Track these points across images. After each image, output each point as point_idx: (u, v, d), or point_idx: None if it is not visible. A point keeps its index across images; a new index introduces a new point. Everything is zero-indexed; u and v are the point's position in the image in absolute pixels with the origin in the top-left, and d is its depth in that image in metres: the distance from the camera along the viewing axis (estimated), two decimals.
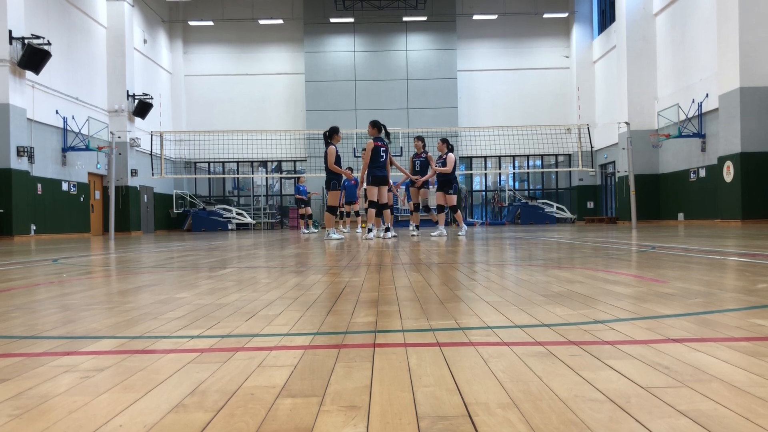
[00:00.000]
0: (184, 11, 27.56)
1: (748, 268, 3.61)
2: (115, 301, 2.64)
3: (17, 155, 15.38)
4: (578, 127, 21.46)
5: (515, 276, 3.45)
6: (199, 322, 1.99)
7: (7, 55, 14.95)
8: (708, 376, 1.21)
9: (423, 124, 25.57)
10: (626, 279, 3.15)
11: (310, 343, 1.63)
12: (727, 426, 0.93)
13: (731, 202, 15.80)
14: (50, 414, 1.05)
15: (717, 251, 5.12)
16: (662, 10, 20.80)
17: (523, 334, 1.69)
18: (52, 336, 1.81)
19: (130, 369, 1.37)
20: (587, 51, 27.23)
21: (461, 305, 2.26)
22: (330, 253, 6.19)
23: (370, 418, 1.00)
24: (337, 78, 27.15)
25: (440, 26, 27.27)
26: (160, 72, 26.31)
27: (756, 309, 2.04)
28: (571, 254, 5.36)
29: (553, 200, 27.28)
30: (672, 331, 1.67)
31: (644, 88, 21.47)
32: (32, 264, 5.41)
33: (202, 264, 5.10)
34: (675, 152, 20.27)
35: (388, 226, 10.15)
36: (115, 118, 21.32)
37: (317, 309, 2.24)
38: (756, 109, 15.27)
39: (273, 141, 24.22)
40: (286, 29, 27.66)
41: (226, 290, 2.95)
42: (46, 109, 17.45)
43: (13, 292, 3.10)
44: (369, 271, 3.89)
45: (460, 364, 1.35)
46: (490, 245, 7.51)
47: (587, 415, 0.99)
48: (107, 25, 21.40)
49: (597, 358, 1.38)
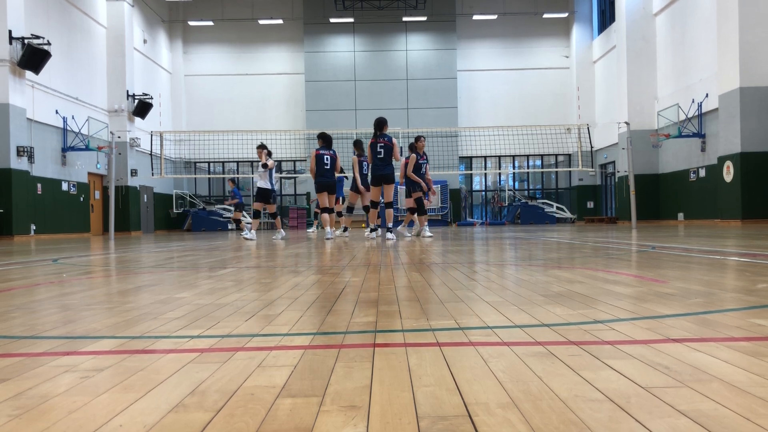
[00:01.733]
0: (184, 11, 27.56)
1: (748, 268, 3.61)
2: (115, 301, 2.64)
3: (17, 155, 15.38)
4: (578, 127, 21.46)
5: (515, 276, 3.45)
6: (199, 322, 1.99)
7: (7, 55, 14.95)
8: (708, 376, 1.20)
9: (423, 124, 25.58)
10: (626, 279, 3.15)
11: (310, 343, 1.63)
12: (727, 426, 0.93)
13: (731, 202, 15.79)
14: (50, 414, 1.05)
15: (717, 251, 5.12)
16: (662, 10, 20.80)
17: (523, 334, 1.69)
18: (52, 336, 1.81)
19: (130, 369, 1.37)
20: (587, 51, 27.23)
21: (461, 305, 2.26)
22: (330, 254, 6.19)
23: (370, 418, 1.00)
24: (337, 78, 27.15)
25: (440, 26, 27.27)
26: (160, 72, 26.31)
27: (756, 309, 2.04)
28: (571, 254, 5.36)
29: (553, 200, 27.29)
30: (672, 331, 1.67)
31: (644, 88, 21.47)
32: (32, 264, 5.41)
33: (202, 264, 5.10)
34: (675, 152, 20.27)
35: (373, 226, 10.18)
36: (115, 118, 21.32)
37: (317, 309, 2.24)
38: (756, 109, 15.27)
39: (273, 141, 24.19)
40: (286, 29, 27.66)
41: (226, 290, 2.95)
42: (46, 109, 17.45)
43: (13, 292, 3.10)
44: (369, 271, 3.89)
45: (460, 364, 1.35)
46: (490, 245, 7.51)
47: (587, 415, 0.99)
48: (107, 25, 21.40)
49: (597, 358, 1.38)
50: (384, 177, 9.48)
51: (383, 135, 9.49)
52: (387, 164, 9.45)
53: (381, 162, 9.43)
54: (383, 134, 9.51)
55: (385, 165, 9.45)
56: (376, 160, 9.45)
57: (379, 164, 9.44)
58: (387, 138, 9.47)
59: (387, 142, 9.42)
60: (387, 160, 9.44)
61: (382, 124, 9.54)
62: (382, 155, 9.40)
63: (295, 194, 28.72)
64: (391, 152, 9.45)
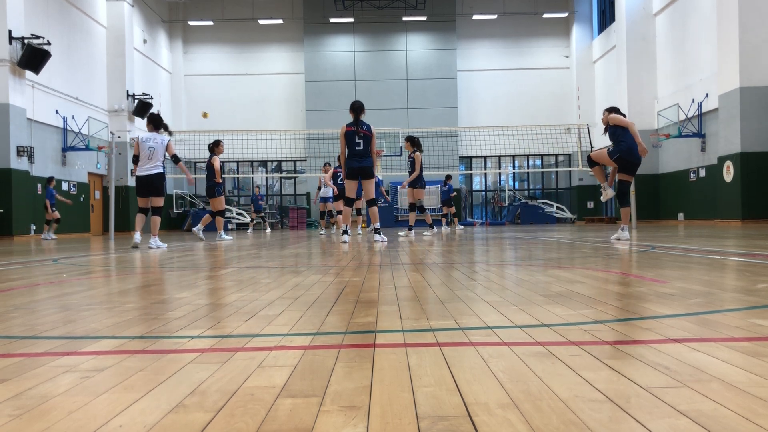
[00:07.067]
0: (184, 11, 27.56)
1: (748, 268, 3.61)
2: (115, 301, 2.64)
3: (17, 155, 15.38)
4: (578, 127, 21.47)
5: (515, 276, 3.45)
6: (199, 322, 1.99)
7: (7, 55, 14.95)
8: (708, 376, 1.20)
9: (423, 124, 25.58)
10: (626, 279, 3.15)
11: (310, 344, 1.63)
12: (727, 426, 0.93)
13: (731, 202, 15.80)
14: (50, 414, 1.05)
15: (717, 251, 5.12)
16: (662, 10, 20.80)
17: (523, 334, 1.69)
18: (52, 336, 1.81)
19: (130, 369, 1.37)
20: (587, 51, 27.23)
21: (461, 305, 2.26)
22: (330, 253, 6.19)
23: (370, 418, 1.00)
24: (337, 78, 27.16)
25: (440, 26, 27.27)
26: (160, 72, 26.31)
27: (756, 309, 2.04)
28: (571, 254, 5.36)
29: (553, 200, 27.29)
30: (672, 331, 1.67)
31: (644, 88, 21.47)
32: (32, 264, 5.41)
33: (202, 264, 5.10)
34: (675, 152, 20.28)
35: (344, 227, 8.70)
36: (115, 117, 21.33)
37: (317, 309, 2.24)
38: (756, 109, 15.27)
39: (273, 141, 24.23)
40: (286, 29, 27.66)
41: (226, 290, 2.95)
42: (46, 108, 17.46)
43: (13, 292, 3.10)
44: (369, 271, 3.89)
45: (460, 364, 1.35)
46: (490, 245, 7.51)
47: (587, 415, 0.99)
48: (107, 25, 21.40)
49: (597, 358, 1.38)
50: (362, 170, 8.46)
51: (362, 123, 8.47)
52: (366, 156, 8.45)
53: (359, 154, 8.41)
54: (362, 122, 8.48)
55: (364, 157, 8.44)
56: (353, 151, 8.41)
57: (357, 156, 8.41)
58: (366, 127, 8.47)
59: (366, 131, 8.45)
60: (366, 151, 8.45)
61: (362, 109, 8.49)
62: (361, 146, 8.40)
63: (295, 194, 28.72)
64: (371, 142, 8.47)
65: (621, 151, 7.24)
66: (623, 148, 7.22)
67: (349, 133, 8.43)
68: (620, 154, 7.25)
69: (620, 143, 7.26)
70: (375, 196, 8.82)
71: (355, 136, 8.39)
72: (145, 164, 8.46)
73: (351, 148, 8.45)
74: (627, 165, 7.29)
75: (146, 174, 8.49)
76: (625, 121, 7.32)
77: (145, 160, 8.45)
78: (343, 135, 8.50)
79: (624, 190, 7.47)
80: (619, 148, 7.26)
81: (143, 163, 8.47)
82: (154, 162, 8.47)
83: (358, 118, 8.46)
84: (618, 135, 7.32)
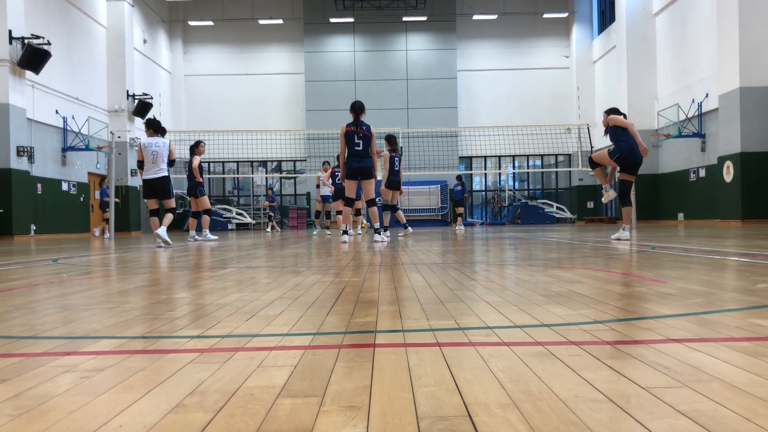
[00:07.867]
0: (184, 11, 27.57)
1: (748, 268, 3.61)
2: (115, 301, 2.64)
3: (17, 155, 15.38)
4: (578, 127, 21.49)
5: (515, 276, 3.45)
6: (199, 322, 1.99)
7: (7, 55, 14.95)
8: (708, 376, 1.20)
9: (423, 124, 25.60)
10: (626, 279, 3.15)
11: (310, 344, 1.63)
12: (727, 426, 0.93)
13: (731, 202, 15.80)
14: (50, 414, 1.05)
15: (717, 251, 5.12)
16: (662, 10, 20.81)
17: (523, 334, 1.69)
18: (52, 336, 1.81)
19: (130, 369, 1.37)
20: (587, 51, 27.24)
21: (461, 305, 2.26)
22: (330, 254, 6.19)
23: (370, 418, 1.00)
24: (337, 78, 27.16)
25: (440, 26, 27.28)
26: (160, 72, 26.31)
27: (756, 309, 2.04)
28: (571, 254, 5.36)
29: (553, 200, 27.29)
30: (672, 331, 1.67)
31: (644, 88, 21.48)
32: (32, 264, 5.41)
33: (202, 264, 5.10)
34: (675, 152, 20.28)
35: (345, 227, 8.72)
36: (115, 117, 21.32)
37: (317, 309, 2.24)
38: (756, 109, 15.27)
39: (273, 141, 24.24)
40: (286, 29, 27.66)
41: (226, 290, 2.95)
42: (46, 108, 17.46)
43: (13, 292, 3.10)
44: (369, 271, 3.89)
45: (460, 364, 1.35)
46: (490, 245, 7.51)
47: (587, 415, 0.99)
48: (107, 25, 21.40)
49: (597, 358, 1.38)
50: (362, 170, 8.50)
51: (362, 123, 8.52)
52: (365, 156, 8.49)
53: (359, 154, 8.46)
54: (362, 122, 8.53)
55: (363, 157, 8.48)
56: (352, 151, 8.46)
57: (357, 156, 8.46)
58: (366, 127, 8.52)
59: (366, 132, 8.49)
60: (365, 151, 8.49)
61: (362, 110, 8.55)
62: (360, 147, 8.44)
63: (295, 194, 28.72)
64: (370, 143, 8.52)
65: (621, 151, 7.26)
66: (623, 148, 7.24)
67: (349, 133, 8.48)
68: (621, 154, 7.26)
69: (620, 143, 7.28)
70: (375, 197, 8.85)
71: (355, 137, 8.44)
72: (150, 168, 8.77)
73: (351, 149, 8.49)
74: (628, 164, 7.30)
75: (152, 177, 8.78)
76: (624, 121, 7.33)
77: (149, 164, 8.76)
78: (342, 135, 8.54)
79: (625, 190, 7.48)
80: (620, 147, 7.27)
81: (148, 167, 8.77)
82: (158, 165, 8.77)
83: (358, 119, 8.51)
84: (618, 135, 7.35)
